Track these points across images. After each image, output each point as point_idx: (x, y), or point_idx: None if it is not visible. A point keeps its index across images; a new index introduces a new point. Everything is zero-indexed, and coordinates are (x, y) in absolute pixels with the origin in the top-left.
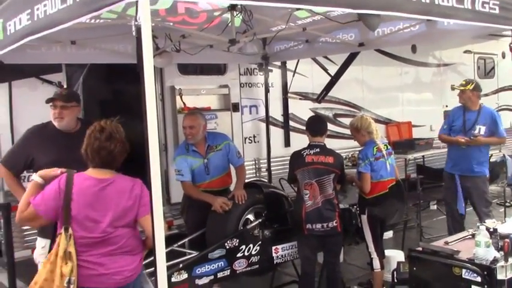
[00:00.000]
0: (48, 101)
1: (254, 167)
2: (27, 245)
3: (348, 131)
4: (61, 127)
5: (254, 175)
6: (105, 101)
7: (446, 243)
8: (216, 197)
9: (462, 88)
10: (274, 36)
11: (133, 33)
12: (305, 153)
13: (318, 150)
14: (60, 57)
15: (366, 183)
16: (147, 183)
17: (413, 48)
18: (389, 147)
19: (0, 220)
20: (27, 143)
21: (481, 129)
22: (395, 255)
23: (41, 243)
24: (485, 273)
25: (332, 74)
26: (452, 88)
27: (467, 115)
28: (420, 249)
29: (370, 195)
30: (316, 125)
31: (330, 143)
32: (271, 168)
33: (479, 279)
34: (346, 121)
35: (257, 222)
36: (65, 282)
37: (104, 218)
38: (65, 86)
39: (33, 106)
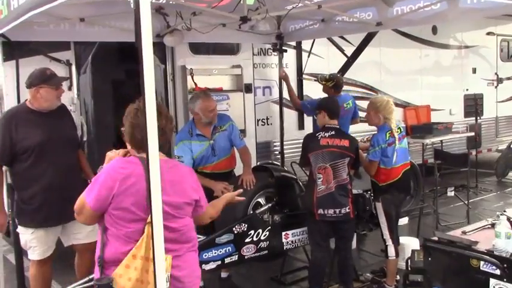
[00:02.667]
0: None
1: (267, 149)
2: None
3: (364, 114)
4: (52, 107)
5: (266, 158)
6: (116, 81)
7: (464, 232)
8: (216, 183)
9: (324, 83)
10: (288, 14)
11: (132, 5)
12: (320, 136)
13: (333, 133)
14: (68, 35)
15: (372, 170)
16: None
17: (434, 30)
18: (402, 130)
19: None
20: (7, 130)
21: None
22: (410, 243)
23: (28, 230)
24: (505, 266)
25: (348, 55)
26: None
27: None
28: (436, 239)
29: (383, 182)
30: (335, 107)
31: None
32: (284, 151)
33: (498, 272)
34: (363, 104)
35: (266, 207)
36: (166, 280)
37: (175, 204)
38: (73, 65)
39: None
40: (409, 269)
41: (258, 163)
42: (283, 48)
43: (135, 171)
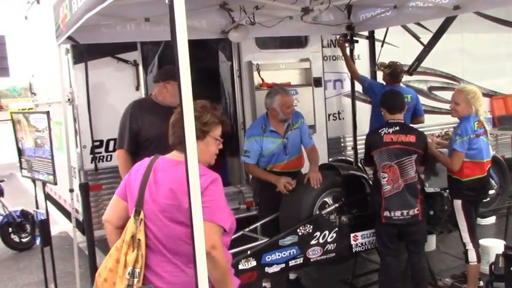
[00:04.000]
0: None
1: (338, 145)
2: None
3: (445, 106)
4: (175, 103)
5: (338, 154)
6: None
7: None
8: (279, 177)
9: (382, 69)
10: (358, 3)
11: (166, 0)
12: (383, 132)
13: (397, 128)
14: (134, 35)
15: (457, 163)
16: (223, 162)
17: None
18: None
19: None
20: (133, 117)
21: None
22: (496, 246)
23: None
24: None
25: (425, 43)
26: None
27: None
28: None
29: (466, 178)
30: (394, 101)
31: (425, 119)
32: (358, 147)
33: None
34: (443, 94)
35: (333, 207)
36: (127, 274)
37: (161, 204)
38: (140, 65)
39: (109, 85)
40: (493, 275)
41: (330, 159)
42: (354, 38)
43: (140, 168)
